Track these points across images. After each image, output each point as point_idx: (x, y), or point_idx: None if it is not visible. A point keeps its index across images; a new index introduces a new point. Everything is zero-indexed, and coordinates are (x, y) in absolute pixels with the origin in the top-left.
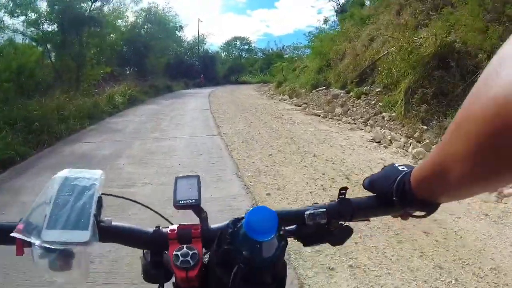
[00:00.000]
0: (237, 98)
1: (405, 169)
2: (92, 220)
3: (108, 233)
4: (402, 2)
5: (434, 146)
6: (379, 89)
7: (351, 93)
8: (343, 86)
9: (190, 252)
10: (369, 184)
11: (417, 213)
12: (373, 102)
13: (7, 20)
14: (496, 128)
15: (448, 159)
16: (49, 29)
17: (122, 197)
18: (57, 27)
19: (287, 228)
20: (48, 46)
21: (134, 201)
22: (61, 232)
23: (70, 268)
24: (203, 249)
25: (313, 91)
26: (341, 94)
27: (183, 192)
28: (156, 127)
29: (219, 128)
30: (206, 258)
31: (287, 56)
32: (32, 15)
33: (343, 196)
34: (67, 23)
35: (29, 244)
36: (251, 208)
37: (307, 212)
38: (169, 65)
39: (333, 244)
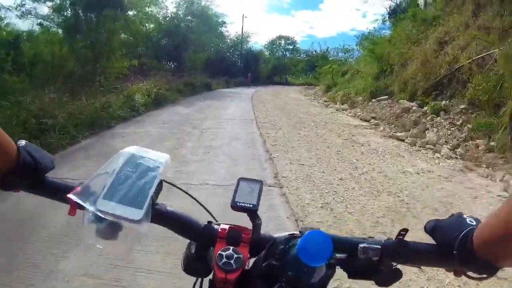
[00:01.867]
0: (286, 103)
1: (474, 223)
2: (148, 201)
3: (161, 217)
4: (481, 2)
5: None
6: (463, 106)
7: (426, 108)
8: (411, 97)
9: (235, 256)
10: (432, 229)
11: (472, 273)
12: (458, 123)
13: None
14: None
15: None
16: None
17: (180, 189)
18: (71, 9)
19: (338, 256)
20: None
21: (189, 195)
22: (116, 205)
23: (116, 239)
24: (249, 255)
25: (373, 100)
26: (413, 108)
27: (243, 194)
28: (174, 151)
29: (274, 162)
30: (249, 264)
31: (331, 58)
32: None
33: (402, 237)
34: (83, 3)
35: (83, 208)
36: (308, 230)
37: (361, 245)
38: (209, 62)
39: (379, 285)
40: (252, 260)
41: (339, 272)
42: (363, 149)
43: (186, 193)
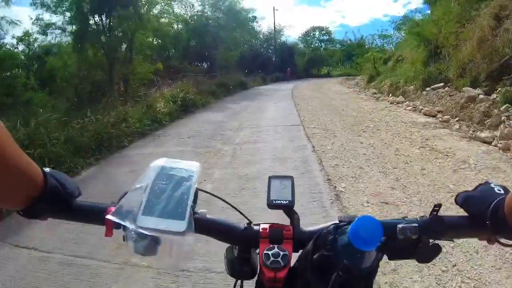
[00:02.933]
0: (331, 98)
1: (502, 191)
2: (189, 211)
3: (202, 226)
4: None
5: None
6: None
7: (495, 95)
8: (472, 83)
9: (281, 253)
10: (464, 201)
11: (505, 240)
12: None
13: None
14: None
15: None
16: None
17: (215, 195)
18: (74, 11)
19: None
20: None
21: (224, 201)
22: (157, 219)
23: (155, 254)
24: (293, 251)
25: (427, 89)
26: (479, 96)
27: (277, 192)
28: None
29: (343, 204)
30: (294, 260)
31: (368, 46)
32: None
33: (435, 213)
34: (89, 5)
35: (119, 227)
36: (357, 216)
37: (400, 226)
38: (243, 59)
39: (420, 261)
40: (295, 256)
41: None
42: (450, 163)
43: (222, 199)
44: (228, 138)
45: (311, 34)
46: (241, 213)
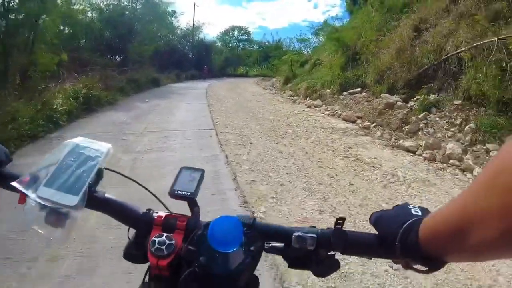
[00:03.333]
0: (247, 100)
1: (419, 213)
2: (85, 188)
3: (99, 203)
4: None
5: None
6: (458, 102)
7: (413, 103)
8: (390, 90)
9: (167, 242)
10: (375, 220)
11: (420, 267)
12: (458, 122)
13: None
14: None
15: (475, 215)
16: None
17: (122, 174)
18: None
19: (275, 245)
20: None
21: (136, 181)
22: (55, 192)
23: (63, 227)
24: (184, 241)
25: (344, 94)
26: (398, 103)
27: (183, 183)
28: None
29: None
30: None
31: (285, 49)
32: None
33: (339, 226)
34: None
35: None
36: (219, 217)
37: (295, 234)
38: (158, 54)
39: (316, 275)
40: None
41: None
42: (379, 176)
43: (130, 178)
44: (130, 144)
45: (230, 33)
46: (154, 195)
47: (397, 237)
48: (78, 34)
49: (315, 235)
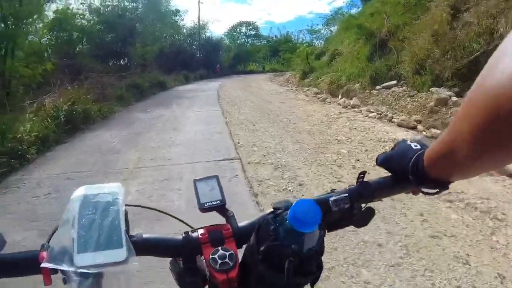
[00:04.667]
0: (267, 101)
1: (418, 147)
2: (125, 236)
3: (141, 247)
4: None
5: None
6: None
7: None
8: (434, 81)
9: (227, 254)
10: (385, 161)
11: (427, 189)
12: None
13: None
14: (492, 114)
15: (456, 139)
16: None
17: (145, 207)
18: None
19: None
20: None
21: (156, 210)
22: (95, 254)
23: None
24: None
25: (377, 88)
26: (452, 99)
27: (206, 194)
28: None
29: None
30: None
31: (295, 42)
32: None
33: (361, 179)
34: None
35: (56, 271)
36: (291, 201)
37: (331, 199)
38: (163, 56)
39: (358, 226)
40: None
41: None
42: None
43: (157, 210)
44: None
45: (238, 29)
46: (179, 219)
47: (408, 172)
48: (73, 39)
49: (346, 194)
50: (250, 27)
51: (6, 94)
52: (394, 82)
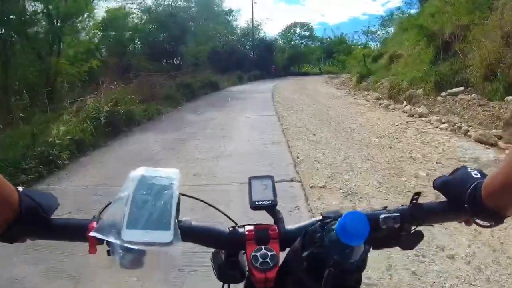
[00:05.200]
0: (325, 106)
1: (478, 175)
2: (174, 220)
3: (187, 233)
4: None
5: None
6: None
7: None
8: (507, 89)
9: (269, 254)
10: (442, 185)
11: (482, 222)
12: None
13: None
14: None
15: None
16: None
17: (198, 199)
18: None
19: None
20: None
21: (209, 204)
22: (143, 232)
23: (141, 266)
24: (281, 250)
25: (442, 94)
26: None
27: (259, 192)
28: None
29: None
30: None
31: (349, 44)
32: None
33: (415, 201)
34: None
35: (102, 242)
36: (341, 212)
37: (382, 216)
38: (216, 55)
39: (404, 249)
40: (282, 255)
41: None
42: None
43: (205, 202)
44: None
45: (292, 30)
46: (225, 215)
47: (465, 199)
48: (125, 38)
49: (398, 214)
50: (304, 28)
51: (48, 93)
52: (461, 88)
